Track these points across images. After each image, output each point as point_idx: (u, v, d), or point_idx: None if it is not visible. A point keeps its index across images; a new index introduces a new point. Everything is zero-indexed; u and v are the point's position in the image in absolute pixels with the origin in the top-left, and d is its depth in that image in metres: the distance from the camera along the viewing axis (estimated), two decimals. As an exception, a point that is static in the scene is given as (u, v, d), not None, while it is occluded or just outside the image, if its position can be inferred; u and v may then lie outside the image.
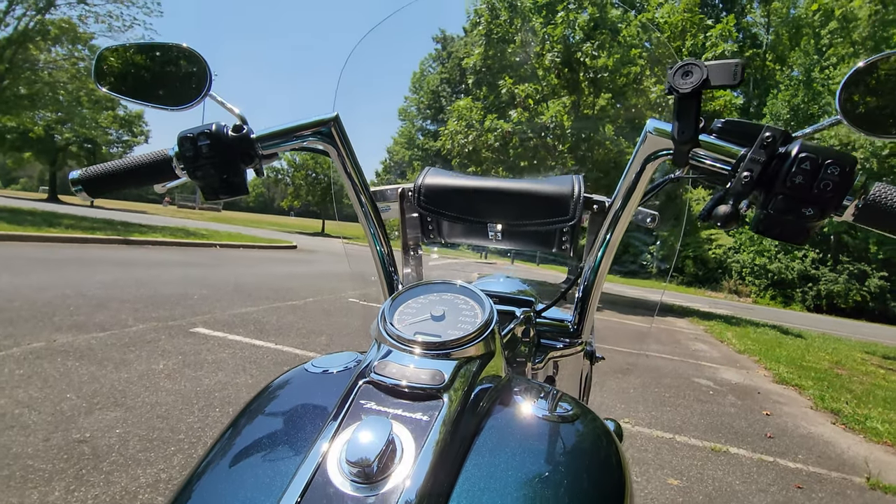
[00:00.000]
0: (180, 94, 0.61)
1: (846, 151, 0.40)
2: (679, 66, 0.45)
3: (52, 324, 3.37)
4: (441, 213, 0.71)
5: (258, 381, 2.83)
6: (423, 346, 0.41)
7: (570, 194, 0.67)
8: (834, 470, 2.72)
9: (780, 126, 0.43)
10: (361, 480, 0.31)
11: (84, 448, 1.85)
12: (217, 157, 0.55)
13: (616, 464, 0.42)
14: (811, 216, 0.41)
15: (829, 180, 0.40)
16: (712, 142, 0.47)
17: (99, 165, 0.58)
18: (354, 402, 0.37)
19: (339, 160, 0.62)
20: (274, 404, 0.46)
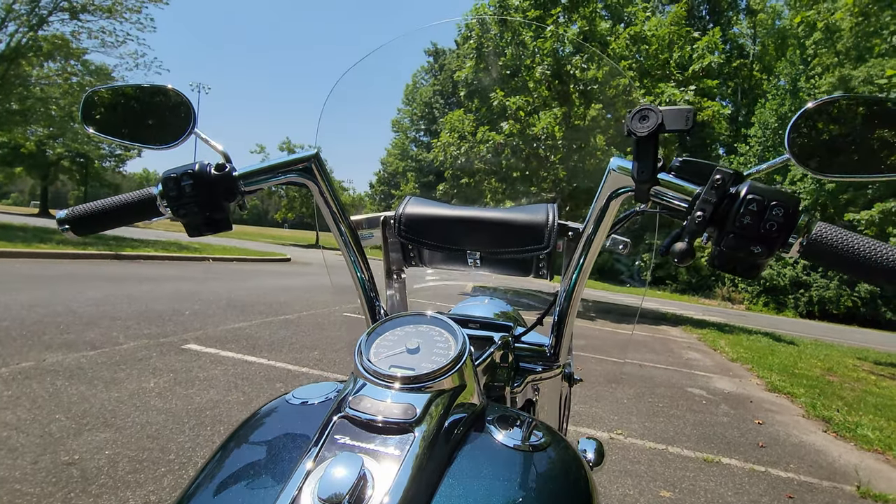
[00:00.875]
0: (167, 133, 0.63)
1: (791, 193, 0.43)
2: (636, 111, 0.48)
3: (41, 342, 3.34)
4: (421, 242, 0.74)
5: (250, 398, 2.82)
6: (396, 380, 0.42)
7: (545, 223, 0.69)
8: (825, 479, 2.74)
9: (772, 128, 0.46)
10: None
11: (73, 471, 1.83)
12: (200, 195, 0.57)
13: (584, 491, 0.44)
14: (760, 253, 0.43)
15: (774, 221, 0.42)
16: (670, 180, 0.50)
17: (85, 205, 0.59)
18: (329, 438, 0.39)
19: (319, 195, 0.65)
20: (255, 436, 0.47)
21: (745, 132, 30.02)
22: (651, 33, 10.46)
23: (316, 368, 3.58)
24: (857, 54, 13.76)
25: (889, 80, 6.47)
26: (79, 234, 0.59)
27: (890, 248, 0.40)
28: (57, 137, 17.17)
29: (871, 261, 0.40)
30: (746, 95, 34.55)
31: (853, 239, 0.41)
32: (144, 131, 0.65)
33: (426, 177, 42.55)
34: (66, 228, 0.59)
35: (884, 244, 0.41)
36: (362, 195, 43.11)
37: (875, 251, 0.40)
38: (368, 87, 0.89)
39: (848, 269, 0.41)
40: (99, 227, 0.59)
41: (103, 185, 36.93)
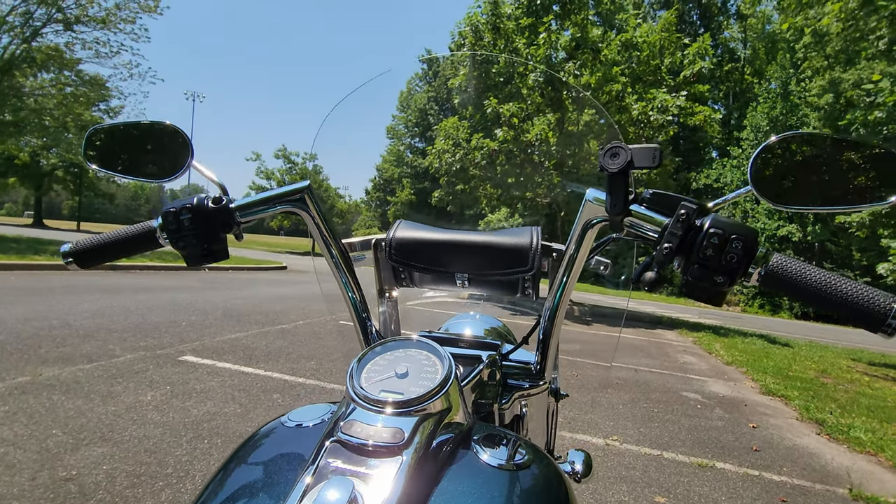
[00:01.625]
0: (166, 167, 0.66)
1: (750, 226, 0.46)
2: (608, 148, 0.51)
3: (37, 356, 3.34)
4: (411, 265, 0.77)
5: (247, 409, 2.83)
6: (386, 405, 0.45)
7: (529, 246, 0.72)
8: (818, 482, 2.77)
9: (764, 131, 0.49)
10: None
11: (70, 486, 1.84)
12: (199, 228, 0.59)
13: (563, 500, 0.47)
14: (722, 283, 0.46)
15: (734, 253, 0.45)
16: (641, 212, 0.53)
17: (87, 238, 0.62)
18: (322, 461, 0.41)
19: (312, 223, 0.68)
20: (253, 458, 0.49)
21: (738, 135, 30.28)
22: (642, 39, 10.58)
23: (313, 378, 3.59)
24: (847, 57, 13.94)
25: (876, 85, 6.58)
26: (82, 266, 0.62)
27: (839, 280, 0.44)
28: (51, 148, 17.13)
29: (823, 291, 0.43)
30: (738, 99, 34.88)
31: (807, 270, 0.45)
32: (144, 166, 0.68)
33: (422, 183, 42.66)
34: (70, 261, 0.62)
35: (834, 276, 0.44)
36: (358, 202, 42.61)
37: (826, 282, 0.44)
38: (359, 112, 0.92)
39: (802, 297, 0.45)
40: (101, 260, 0.62)
41: (97, 195, 36.80)
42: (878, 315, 0.41)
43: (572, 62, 10.80)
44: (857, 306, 0.42)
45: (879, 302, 0.41)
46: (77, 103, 14.87)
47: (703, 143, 33.73)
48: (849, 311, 0.42)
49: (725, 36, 38.59)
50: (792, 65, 27.36)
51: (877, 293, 0.42)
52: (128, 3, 14.24)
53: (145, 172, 0.67)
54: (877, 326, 0.41)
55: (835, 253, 25.39)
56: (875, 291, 0.42)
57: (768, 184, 0.52)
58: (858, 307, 0.42)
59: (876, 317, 0.41)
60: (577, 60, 10.83)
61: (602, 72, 10.71)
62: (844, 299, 0.43)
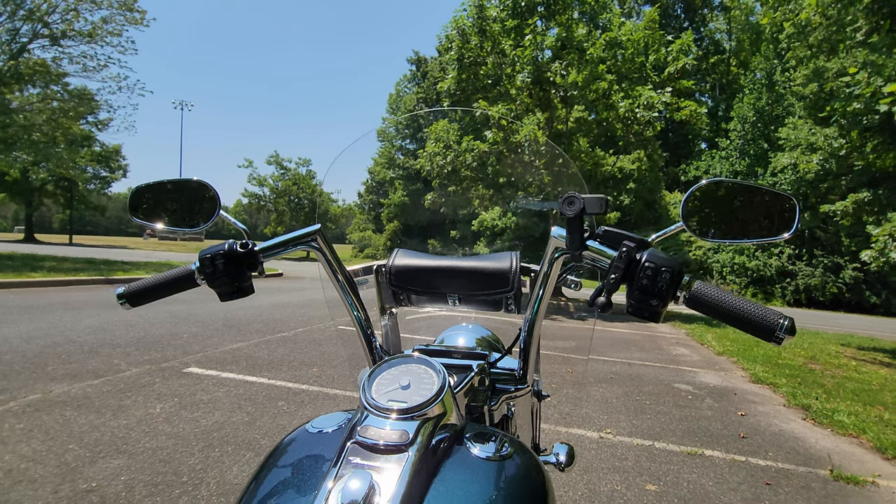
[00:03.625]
0: (198, 216, 0.78)
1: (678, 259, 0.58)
2: (565, 197, 0.63)
3: (45, 374, 3.43)
4: (408, 289, 0.89)
5: (254, 417, 2.94)
6: (393, 412, 0.56)
7: (509, 269, 0.84)
8: (801, 465, 2.92)
9: (751, 122, 0.61)
10: None
11: (92, 497, 1.95)
12: (229, 269, 0.71)
13: (542, 491, 0.59)
14: (657, 305, 0.58)
15: (664, 282, 0.57)
16: (595, 247, 0.65)
17: (137, 283, 0.74)
18: (344, 459, 0.53)
19: (323, 259, 0.79)
20: (284, 461, 0.61)
21: (725, 127, 30.59)
22: (626, 38, 10.75)
23: (316, 385, 3.70)
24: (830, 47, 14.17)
25: (853, 77, 6.76)
26: (134, 305, 0.74)
27: (743, 302, 0.56)
28: (41, 163, 17.10)
29: (732, 311, 0.56)
30: (725, 90, 35.26)
31: (720, 295, 0.57)
32: (180, 216, 0.80)
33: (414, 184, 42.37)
34: (124, 301, 0.73)
35: (739, 298, 0.56)
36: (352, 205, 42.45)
37: (733, 304, 0.56)
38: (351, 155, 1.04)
39: (716, 316, 0.57)
40: (148, 299, 0.74)
41: (89, 208, 36.63)
42: (770, 328, 0.53)
43: (558, 62, 10.94)
44: (756, 322, 0.54)
45: (771, 319, 0.53)
46: (66, 117, 14.86)
47: (691, 136, 34.10)
48: (749, 327, 0.55)
49: (710, 28, 38.94)
50: (776, 55, 27.70)
51: (769, 311, 0.54)
52: (114, 17, 14.25)
53: (181, 222, 0.79)
54: (770, 336, 0.54)
55: (824, 240, 25.73)
56: (768, 310, 0.54)
57: (696, 221, 0.64)
58: (756, 323, 0.54)
59: (769, 329, 0.53)
60: (563, 60, 10.97)
61: (588, 70, 10.87)
62: (747, 317, 0.55)
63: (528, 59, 10.93)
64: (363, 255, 31.26)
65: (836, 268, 25.29)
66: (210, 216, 0.77)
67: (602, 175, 11.88)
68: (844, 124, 8.43)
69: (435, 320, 1.27)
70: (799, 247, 26.22)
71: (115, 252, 20.85)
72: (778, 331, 0.53)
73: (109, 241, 43.92)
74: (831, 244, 25.48)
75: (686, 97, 12.91)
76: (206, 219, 0.77)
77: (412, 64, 45.74)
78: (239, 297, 0.73)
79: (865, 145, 8.46)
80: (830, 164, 9.06)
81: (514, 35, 11.24)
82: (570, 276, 0.84)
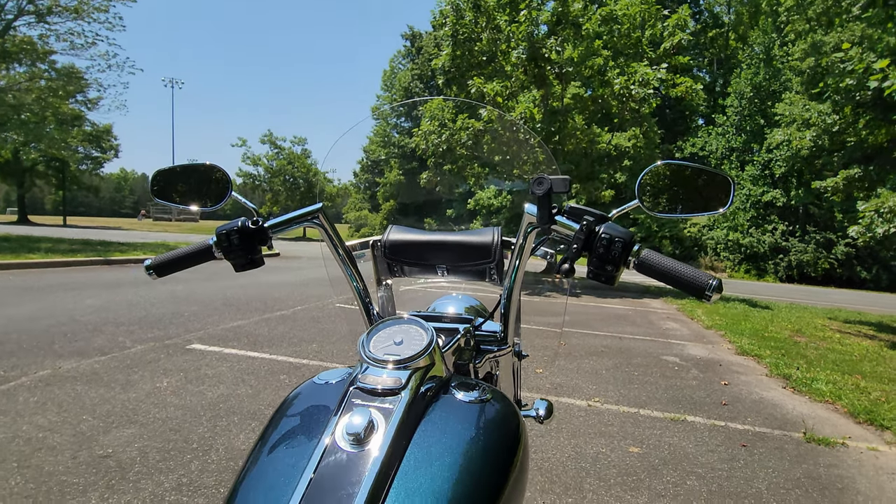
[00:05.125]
0: (211, 196, 0.87)
1: (630, 231, 0.67)
2: (535, 179, 0.72)
3: (53, 352, 3.54)
4: (402, 261, 0.98)
5: (257, 390, 3.07)
6: (388, 363, 0.66)
7: (492, 242, 0.94)
8: (777, 429, 3.09)
9: (748, 97, 0.70)
10: (355, 444, 0.56)
11: (109, 462, 2.08)
12: (243, 244, 0.80)
13: (515, 429, 0.69)
14: (611, 271, 0.68)
15: (616, 251, 0.67)
16: (563, 221, 0.74)
17: (162, 255, 0.83)
18: (348, 401, 0.63)
19: (325, 233, 0.89)
20: (296, 406, 0.71)
21: (722, 103, 30.39)
22: (622, 13, 10.63)
23: (316, 360, 3.83)
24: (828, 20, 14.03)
25: (846, 53, 6.77)
26: (160, 276, 0.83)
27: (681, 265, 0.66)
28: (32, 143, 16.91)
29: (672, 273, 0.65)
30: (723, 65, 34.85)
31: (664, 260, 0.66)
32: (195, 196, 0.89)
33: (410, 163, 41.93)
34: (151, 272, 0.83)
35: (681, 264, 0.66)
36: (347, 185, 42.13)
37: (674, 267, 0.66)
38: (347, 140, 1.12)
39: (661, 278, 0.67)
40: (172, 270, 0.83)
41: (81, 189, 36.33)
42: (702, 287, 0.63)
43: (554, 38, 10.83)
44: (690, 283, 0.64)
45: (703, 280, 0.63)
46: (55, 96, 14.65)
47: (688, 112, 33.86)
48: (685, 286, 0.64)
49: (710, 1, 38.22)
50: (775, 28, 27.37)
51: (702, 274, 0.64)
52: (99, -8, 13.93)
53: (196, 201, 0.88)
54: (700, 294, 0.64)
55: (817, 216, 25.93)
56: (701, 273, 0.64)
57: (648, 198, 0.73)
58: (691, 283, 0.64)
59: (701, 288, 0.63)
60: (559, 36, 10.86)
61: (584, 46, 10.78)
62: (684, 279, 0.64)
63: (523, 35, 10.82)
64: (359, 234, 31.28)
65: (829, 244, 25.56)
66: (223, 196, 0.86)
67: (597, 153, 11.88)
68: (838, 100, 8.47)
69: (427, 293, 1.37)
70: (793, 223, 26.42)
71: (111, 233, 20.81)
72: (707, 290, 0.63)
73: (103, 222, 43.67)
74: (825, 220, 25.71)
75: (682, 73, 12.85)
76: (219, 199, 0.86)
77: (406, 40, 44.91)
78: (251, 269, 0.83)
79: (858, 121, 8.52)
80: (823, 141, 9.12)
81: (510, 10, 11.09)
82: (543, 248, 0.94)
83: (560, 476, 2.28)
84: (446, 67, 11.44)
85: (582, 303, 8.81)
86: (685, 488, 2.24)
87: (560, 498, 2.09)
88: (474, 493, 0.56)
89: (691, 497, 2.17)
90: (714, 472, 2.42)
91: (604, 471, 2.36)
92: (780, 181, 26.19)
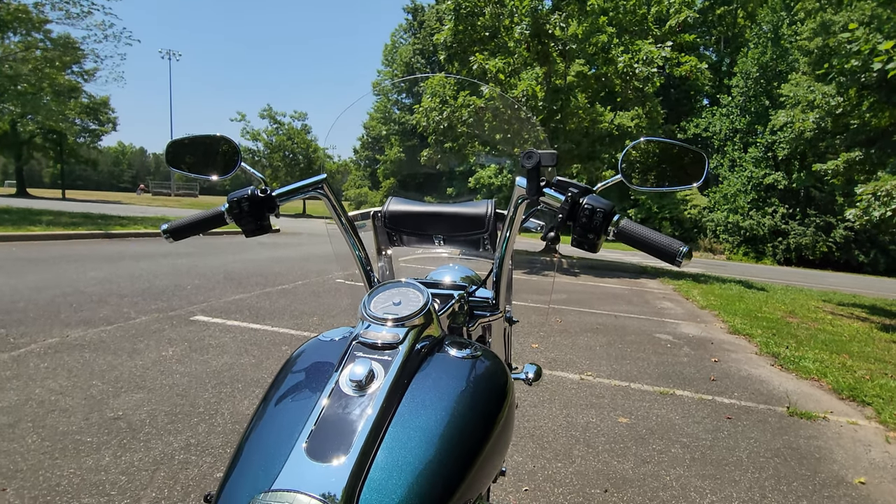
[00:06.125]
0: (221, 167, 0.92)
1: (610, 201, 0.73)
2: (524, 153, 0.77)
3: (59, 321, 3.63)
4: (400, 231, 1.04)
5: (260, 360, 3.16)
6: (388, 320, 0.73)
7: (486, 214, 1.00)
8: (762, 403, 3.20)
9: (754, 78, 0.75)
10: (357, 390, 0.63)
11: (120, 423, 2.17)
12: (253, 210, 0.86)
13: (503, 385, 0.76)
14: (593, 238, 0.73)
15: (597, 220, 0.72)
16: (550, 193, 0.79)
17: (178, 220, 0.89)
18: (351, 352, 0.69)
19: (329, 203, 0.94)
20: (304, 358, 0.77)
21: (728, 83, 29.96)
22: (629, -12, 10.42)
23: (317, 332, 3.92)
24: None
25: (852, 34, 6.69)
26: (176, 239, 0.89)
27: (654, 233, 0.71)
28: (28, 115, 16.75)
29: (648, 241, 0.71)
30: (730, 44, 34.21)
31: (640, 229, 0.72)
32: (206, 166, 0.94)
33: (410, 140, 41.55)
34: (168, 236, 0.89)
35: (656, 232, 0.71)
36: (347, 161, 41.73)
37: (648, 234, 0.71)
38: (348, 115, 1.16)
39: (638, 246, 0.72)
40: (187, 234, 0.89)
41: (79, 162, 36.06)
42: (673, 254, 0.69)
43: (558, 13, 10.65)
44: (664, 249, 0.70)
45: (675, 247, 0.69)
46: (51, 67, 14.45)
47: (693, 91, 33.41)
48: (659, 253, 0.70)
49: (719, -23, 37.26)
50: (784, 7, 26.81)
51: (675, 241, 0.70)
52: (95, -42, 13.59)
53: (207, 170, 0.93)
54: (672, 260, 0.69)
55: (818, 199, 25.88)
56: (674, 241, 0.70)
57: (630, 173, 0.79)
58: (664, 250, 0.70)
59: (672, 254, 0.69)
60: (563, 11, 10.67)
61: (589, 22, 10.60)
62: (658, 246, 0.70)
63: (526, 10, 10.63)
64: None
65: (828, 227, 25.60)
66: (232, 167, 0.91)
67: (599, 132, 11.80)
68: (843, 81, 8.39)
69: (425, 263, 1.43)
70: (793, 206, 26.39)
71: (110, 207, 20.78)
72: (678, 256, 0.69)
73: (102, 195, 43.54)
74: (825, 204, 25.67)
75: (688, 52, 12.66)
76: (228, 169, 0.91)
77: (408, 13, 43.97)
78: (260, 234, 0.88)
79: (862, 103, 8.46)
80: (826, 123, 9.07)
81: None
82: (532, 219, 1.00)
83: (551, 443, 2.38)
84: (448, 42, 11.27)
85: (580, 282, 8.90)
86: (670, 455, 2.35)
87: (550, 462, 2.19)
88: (462, 437, 0.63)
89: (675, 463, 2.28)
90: (698, 442, 2.53)
91: (593, 438, 2.47)
92: (782, 164, 26.04)
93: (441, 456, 0.59)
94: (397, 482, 0.54)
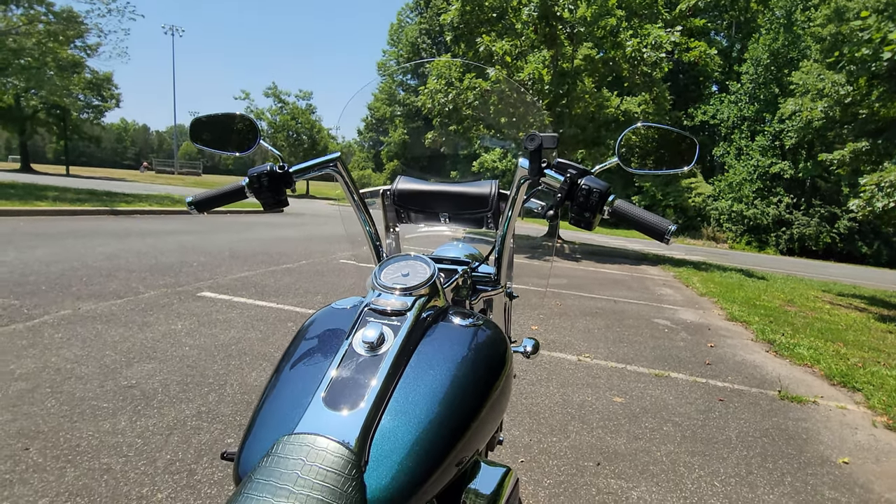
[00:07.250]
0: (241, 143, 0.97)
1: (606, 182, 0.78)
2: (527, 136, 0.82)
3: (71, 294, 3.72)
4: (408, 208, 1.10)
5: (266, 335, 3.25)
6: (396, 289, 0.79)
7: (489, 193, 1.05)
8: (754, 387, 3.28)
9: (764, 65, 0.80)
10: (369, 350, 0.69)
11: (134, 391, 2.27)
12: (271, 185, 0.91)
13: (501, 351, 0.82)
14: (589, 217, 0.79)
15: (594, 200, 0.78)
16: (550, 174, 0.84)
17: (202, 192, 0.95)
18: (363, 317, 0.76)
19: (342, 181, 0.99)
20: (319, 323, 0.84)
21: (738, 69, 29.51)
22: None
23: (321, 310, 4.00)
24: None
25: (864, 22, 6.61)
26: (200, 211, 0.95)
27: (646, 212, 0.77)
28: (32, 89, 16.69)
29: (641, 220, 0.77)
30: (742, 29, 33.60)
31: (633, 209, 0.78)
32: (227, 143, 0.99)
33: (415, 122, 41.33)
34: (193, 208, 0.95)
35: (643, 210, 0.77)
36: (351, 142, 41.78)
37: (641, 214, 0.77)
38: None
39: (633, 225, 0.78)
40: (211, 207, 0.95)
41: (83, 138, 35.97)
42: (662, 232, 0.75)
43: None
44: (654, 228, 0.75)
45: (664, 226, 0.75)
46: (55, 41, 14.35)
47: (702, 78, 32.94)
48: (649, 231, 0.76)
49: (733, -41, 36.39)
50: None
51: (664, 221, 0.75)
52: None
53: (227, 147, 0.99)
54: (661, 237, 0.75)
55: (824, 189, 25.73)
56: (663, 220, 0.76)
57: (626, 156, 0.84)
58: (654, 228, 0.75)
59: (661, 233, 0.75)
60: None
61: (598, 4, 10.44)
62: (649, 225, 0.76)
63: (535, -9, 10.46)
64: (362, 193, 31.11)
65: (832, 218, 25.51)
66: (252, 144, 0.96)
67: (605, 117, 11.71)
68: (853, 70, 8.30)
69: (431, 241, 1.49)
70: (798, 196, 26.25)
71: (115, 184, 20.83)
72: (666, 234, 0.74)
73: (106, 172, 43.56)
74: (831, 194, 25.53)
75: (698, 37, 12.47)
76: (248, 145, 0.97)
77: None
78: (278, 208, 0.94)
79: (871, 93, 8.38)
80: (835, 112, 8.99)
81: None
82: (533, 199, 1.05)
83: (547, 419, 2.47)
84: (455, 23, 11.13)
85: (581, 267, 8.96)
86: (661, 433, 2.44)
87: (546, 437, 2.28)
88: (463, 396, 0.69)
89: (666, 440, 2.37)
90: (690, 421, 2.62)
91: (588, 416, 2.55)
92: (789, 153, 25.82)
93: (444, 411, 0.65)
94: (405, 432, 0.60)
